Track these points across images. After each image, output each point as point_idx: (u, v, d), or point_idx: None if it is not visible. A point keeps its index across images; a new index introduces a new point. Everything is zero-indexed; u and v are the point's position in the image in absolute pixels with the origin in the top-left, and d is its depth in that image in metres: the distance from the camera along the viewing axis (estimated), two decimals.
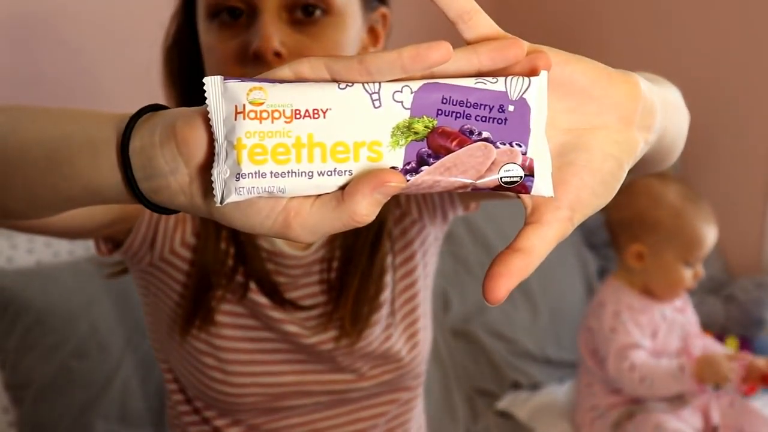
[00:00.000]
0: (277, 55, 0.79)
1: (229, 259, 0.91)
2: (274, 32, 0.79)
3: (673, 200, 1.73)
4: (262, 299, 0.91)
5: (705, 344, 1.79)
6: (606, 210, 1.81)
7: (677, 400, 1.68)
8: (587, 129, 0.44)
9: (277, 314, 0.91)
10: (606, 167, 0.44)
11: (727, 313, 2.11)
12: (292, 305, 0.91)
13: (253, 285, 0.91)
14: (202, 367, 0.91)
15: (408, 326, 0.96)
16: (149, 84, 0.97)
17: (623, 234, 1.75)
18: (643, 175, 0.72)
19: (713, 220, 1.72)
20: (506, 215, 2.08)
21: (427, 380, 1.10)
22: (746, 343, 2.09)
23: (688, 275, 1.72)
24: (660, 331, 1.73)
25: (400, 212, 0.96)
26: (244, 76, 0.71)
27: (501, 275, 0.42)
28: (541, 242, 0.43)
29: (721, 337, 2.08)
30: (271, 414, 0.94)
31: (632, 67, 0.50)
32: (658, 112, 0.47)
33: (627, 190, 1.76)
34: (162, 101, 0.92)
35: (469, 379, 1.92)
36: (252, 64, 0.80)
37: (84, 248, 1.60)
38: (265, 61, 0.79)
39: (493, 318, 1.99)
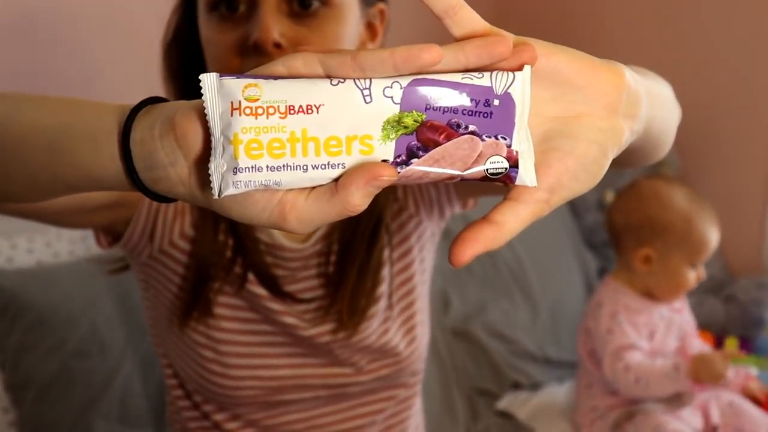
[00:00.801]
0: (277, 46, 0.80)
1: (228, 250, 0.91)
2: (273, 23, 0.80)
3: (681, 204, 1.73)
4: (261, 290, 0.91)
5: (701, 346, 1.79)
6: (611, 213, 1.81)
7: (676, 401, 1.68)
8: (572, 117, 0.46)
9: (275, 306, 0.92)
10: (590, 154, 0.45)
11: (727, 313, 2.11)
12: (290, 298, 0.92)
13: (251, 276, 0.91)
14: (200, 360, 0.92)
15: (405, 321, 0.97)
16: (149, 79, 0.98)
17: (630, 238, 1.75)
18: (632, 168, 0.73)
19: (717, 222, 1.73)
20: None
21: (427, 380, 1.10)
22: (746, 343, 2.09)
23: (692, 277, 1.72)
24: (658, 331, 1.73)
25: (398, 207, 0.96)
26: (244, 68, 0.71)
27: (469, 240, 0.45)
28: (513, 219, 0.45)
29: (721, 337, 2.08)
30: (270, 409, 0.94)
31: (631, 65, 0.50)
32: (644, 101, 0.49)
33: (633, 193, 1.77)
34: (162, 96, 0.92)
35: (469, 379, 1.92)
36: (252, 55, 0.80)
37: (84, 248, 1.60)
38: (265, 52, 0.80)
39: (493, 318, 1.99)
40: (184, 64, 0.91)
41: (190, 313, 0.91)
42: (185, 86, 0.92)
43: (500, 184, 0.44)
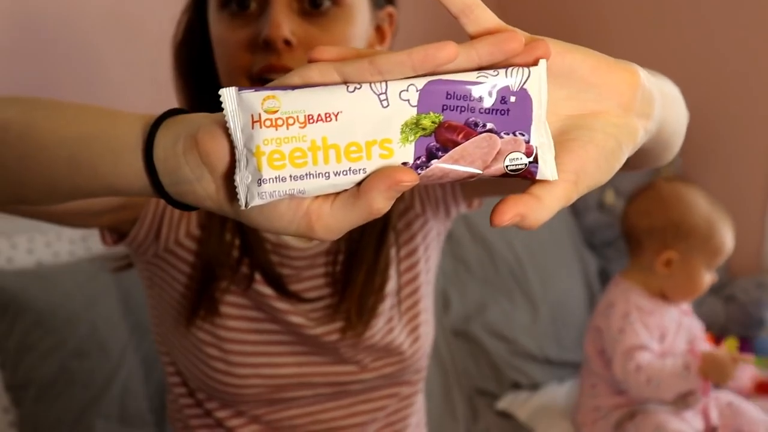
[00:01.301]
0: (287, 43, 0.81)
1: (234, 250, 0.92)
2: (284, 21, 0.80)
3: (704, 207, 1.74)
4: (267, 290, 0.92)
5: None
6: (629, 216, 1.81)
7: (682, 403, 1.68)
8: (588, 114, 0.46)
9: (281, 305, 0.92)
10: (608, 145, 0.46)
11: (727, 313, 2.11)
12: (296, 297, 0.92)
13: (258, 276, 0.92)
14: (205, 357, 0.92)
15: (410, 320, 0.97)
16: (156, 79, 0.98)
17: (653, 241, 1.74)
18: (642, 170, 0.73)
19: (731, 224, 1.75)
20: None
21: (428, 380, 1.10)
22: (746, 343, 2.09)
23: (708, 280, 1.73)
24: (668, 333, 1.74)
25: (404, 206, 0.97)
26: (254, 65, 0.71)
27: (512, 202, 0.43)
28: (548, 195, 0.44)
29: (721, 337, 2.08)
30: (273, 405, 0.95)
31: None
32: (657, 101, 0.49)
33: (654, 196, 1.78)
34: (173, 96, 0.93)
35: (469, 379, 1.92)
36: (262, 51, 0.81)
37: (84, 248, 1.60)
38: (275, 48, 0.80)
39: (493, 318, 1.99)
40: (195, 63, 0.92)
41: (196, 312, 0.91)
42: (195, 85, 0.92)
43: (521, 179, 0.45)
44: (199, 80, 0.92)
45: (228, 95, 0.43)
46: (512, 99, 0.43)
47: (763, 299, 2.09)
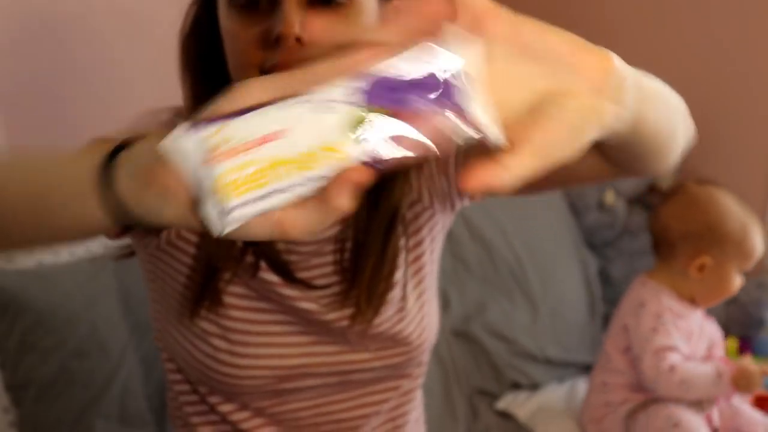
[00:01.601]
0: (299, 40, 0.80)
1: (239, 240, 0.92)
2: (296, 17, 0.81)
3: (737, 212, 1.74)
4: (273, 277, 0.92)
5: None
6: (662, 219, 1.80)
7: (698, 405, 1.69)
8: (559, 92, 0.48)
9: (290, 292, 0.92)
10: (574, 123, 0.47)
11: (727, 314, 2.11)
12: (304, 284, 0.93)
13: (264, 264, 0.92)
14: (210, 350, 0.92)
15: (418, 310, 0.98)
16: (170, 74, 0.98)
17: (688, 245, 1.74)
18: (637, 176, 0.73)
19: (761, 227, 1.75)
20: (506, 214, 2.08)
21: (428, 380, 1.11)
22: (746, 343, 2.09)
23: (738, 283, 1.73)
24: (693, 336, 1.74)
25: (413, 198, 0.98)
26: (266, 62, 0.73)
27: (481, 167, 0.45)
28: (513, 162, 0.46)
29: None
30: (278, 397, 0.95)
31: (634, 65, 0.51)
32: (631, 91, 0.51)
33: (688, 200, 1.78)
34: (178, 89, 0.93)
35: (469, 379, 1.92)
36: (274, 48, 0.81)
37: (84, 249, 1.60)
38: (287, 45, 0.80)
39: (493, 318, 1.99)
40: (202, 56, 0.92)
41: (200, 304, 0.92)
42: (202, 78, 0.92)
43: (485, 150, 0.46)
44: (205, 73, 0.92)
45: (174, 144, 0.44)
46: (447, 76, 0.44)
47: (763, 299, 2.09)
